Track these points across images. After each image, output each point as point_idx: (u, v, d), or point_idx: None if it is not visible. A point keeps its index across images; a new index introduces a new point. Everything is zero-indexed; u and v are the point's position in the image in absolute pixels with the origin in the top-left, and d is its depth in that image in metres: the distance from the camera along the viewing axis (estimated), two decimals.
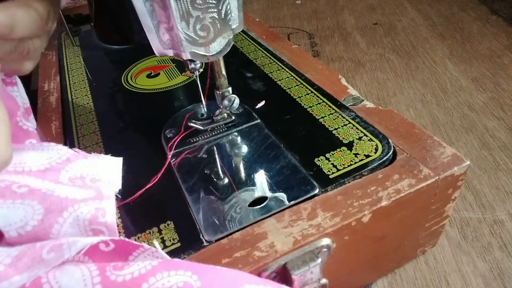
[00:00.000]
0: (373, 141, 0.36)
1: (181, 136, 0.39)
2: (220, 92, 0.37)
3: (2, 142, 0.19)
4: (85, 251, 0.22)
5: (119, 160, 0.30)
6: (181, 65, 0.56)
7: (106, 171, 0.29)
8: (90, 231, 0.25)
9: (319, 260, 0.28)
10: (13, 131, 0.28)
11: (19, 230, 0.23)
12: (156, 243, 0.24)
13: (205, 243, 0.29)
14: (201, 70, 0.35)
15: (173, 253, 0.29)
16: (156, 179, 0.35)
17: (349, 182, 0.33)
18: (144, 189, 0.34)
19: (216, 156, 0.38)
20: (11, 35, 0.22)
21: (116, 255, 0.23)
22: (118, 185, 0.29)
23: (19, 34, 0.22)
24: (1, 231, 0.23)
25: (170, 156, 0.38)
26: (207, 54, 0.31)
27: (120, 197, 0.33)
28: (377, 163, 0.34)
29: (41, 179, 0.25)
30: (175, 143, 0.39)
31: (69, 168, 0.27)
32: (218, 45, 0.31)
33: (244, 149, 0.38)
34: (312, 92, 0.45)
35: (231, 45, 0.32)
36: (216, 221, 0.31)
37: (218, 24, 0.29)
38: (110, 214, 0.25)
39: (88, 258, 0.22)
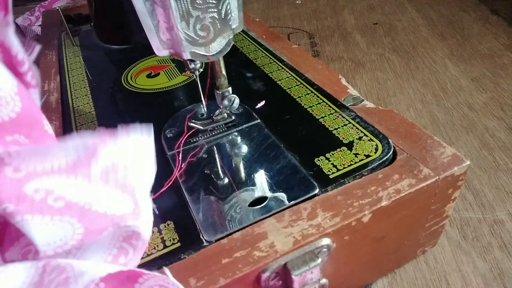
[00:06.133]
0: (373, 141, 0.36)
1: (185, 137, 0.39)
2: (220, 92, 0.37)
3: None
4: None
5: (150, 128, 0.27)
6: (181, 65, 0.56)
7: (138, 151, 0.26)
8: (117, 248, 0.24)
9: (319, 260, 0.28)
10: (43, 140, 0.27)
11: (57, 250, 0.22)
12: (167, 270, 0.24)
13: (205, 243, 0.29)
14: (201, 70, 0.35)
15: (173, 253, 0.29)
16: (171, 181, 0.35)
17: (349, 182, 0.33)
18: (152, 198, 0.34)
19: (216, 156, 0.38)
20: None
21: (125, 276, 0.22)
22: (152, 172, 0.27)
23: None
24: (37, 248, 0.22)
25: (176, 157, 0.38)
26: (207, 54, 0.31)
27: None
28: (377, 163, 0.34)
29: (74, 176, 0.24)
30: (181, 144, 0.39)
31: (98, 158, 0.25)
32: (218, 45, 0.31)
33: (244, 149, 0.38)
34: (312, 92, 0.45)
35: (231, 45, 0.32)
36: (216, 221, 0.31)
37: (218, 24, 0.29)
38: (143, 239, 0.25)
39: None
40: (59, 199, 0.22)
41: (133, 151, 0.26)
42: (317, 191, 0.32)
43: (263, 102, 0.44)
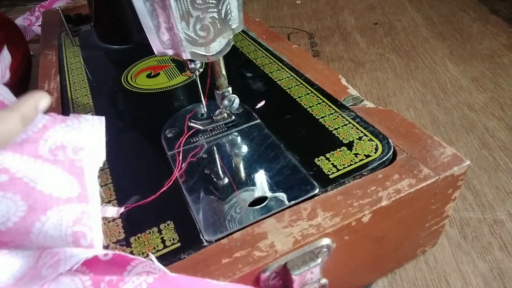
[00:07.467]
0: (373, 141, 0.36)
1: (185, 137, 0.39)
2: (220, 92, 0.37)
3: None
4: (84, 261, 0.21)
5: (101, 120, 0.28)
6: (181, 65, 0.56)
7: (89, 135, 0.27)
8: (70, 234, 0.24)
9: (319, 260, 0.28)
10: None
11: (0, 226, 0.22)
12: (152, 256, 0.24)
13: (205, 243, 0.29)
14: (201, 70, 0.35)
15: (173, 253, 0.29)
16: (169, 183, 0.35)
17: (349, 182, 0.33)
18: (152, 198, 0.34)
19: (216, 156, 0.38)
20: None
21: (114, 265, 0.23)
22: (102, 156, 0.27)
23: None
24: None
25: (176, 157, 0.38)
26: (207, 54, 0.31)
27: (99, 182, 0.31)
28: (377, 163, 0.34)
29: (19, 154, 0.24)
30: (181, 144, 0.39)
31: (47, 136, 0.25)
32: (218, 45, 0.31)
33: (244, 149, 0.38)
34: (312, 92, 0.45)
35: (231, 45, 0.32)
36: (216, 221, 0.31)
37: (218, 24, 0.29)
38: (95, 217, 0.25)
39: (86, 268, 0.22)
40: (2, 173, 0.23)
41: (83, 134, 0.27)
42: (317, 191, 0.32)
43: (263, 102, 0.44)
